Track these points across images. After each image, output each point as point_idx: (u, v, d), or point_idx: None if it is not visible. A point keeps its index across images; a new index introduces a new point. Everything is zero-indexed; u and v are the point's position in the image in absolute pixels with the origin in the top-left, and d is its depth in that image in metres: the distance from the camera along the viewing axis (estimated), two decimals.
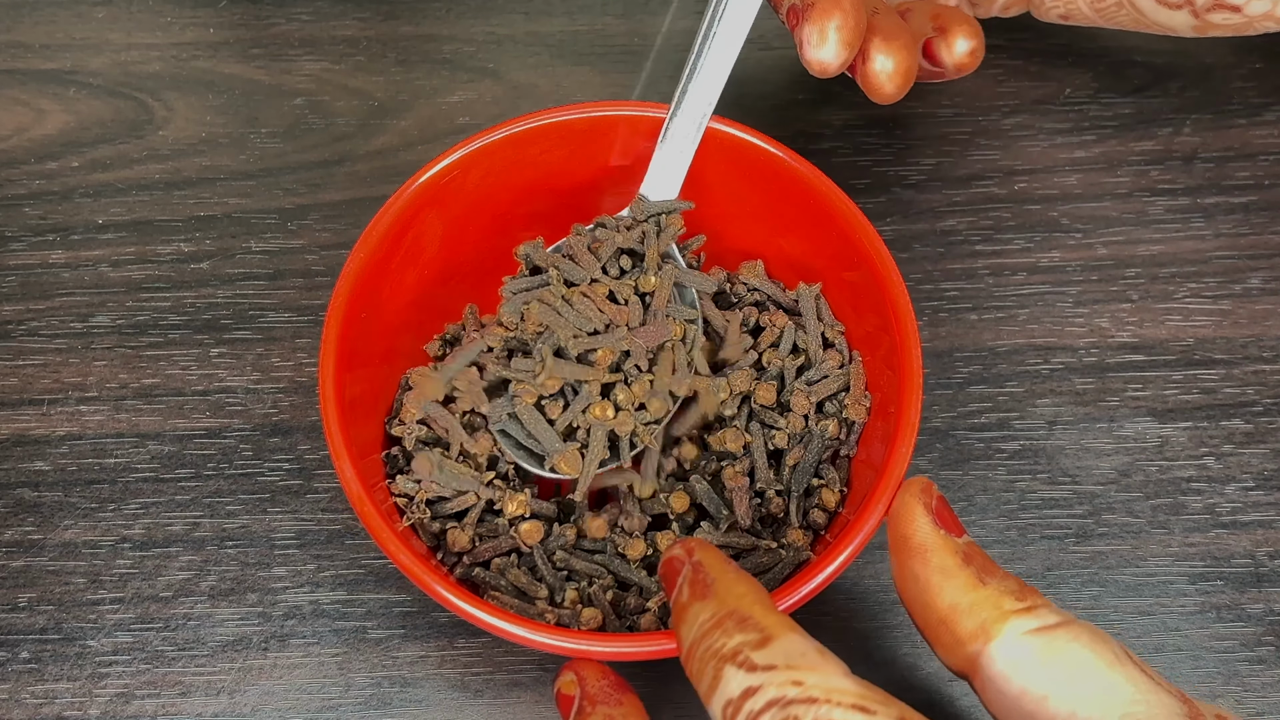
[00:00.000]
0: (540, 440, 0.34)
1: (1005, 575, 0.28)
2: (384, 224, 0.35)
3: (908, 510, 0.30)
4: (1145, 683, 0.26)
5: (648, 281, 0.35)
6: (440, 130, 0.46)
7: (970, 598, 0.28)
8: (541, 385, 0.33)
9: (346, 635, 0.37)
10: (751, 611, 0.26)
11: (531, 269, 0.36)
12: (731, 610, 0.27)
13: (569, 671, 0.30)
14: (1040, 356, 0.41)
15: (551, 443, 0.33)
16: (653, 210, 0.36)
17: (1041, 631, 0.27)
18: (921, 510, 0.29)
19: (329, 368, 0.33)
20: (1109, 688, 0.26)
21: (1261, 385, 0.41)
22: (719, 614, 0.27)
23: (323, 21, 0.49)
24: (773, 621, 0.26)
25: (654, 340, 0.34)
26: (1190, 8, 0.38)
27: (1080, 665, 0.26)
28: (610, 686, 0.30)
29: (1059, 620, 0.27)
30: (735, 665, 0.25)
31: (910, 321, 0.34)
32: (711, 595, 0.27)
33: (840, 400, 0.37)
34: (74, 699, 0.36)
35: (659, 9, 0.49)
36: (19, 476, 0.39)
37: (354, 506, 0.32)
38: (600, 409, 0.33)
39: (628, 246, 0.36)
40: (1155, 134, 0.46)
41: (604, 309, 0.34)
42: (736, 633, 0.26)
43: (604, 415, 0.33)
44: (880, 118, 0.46)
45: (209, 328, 0.42)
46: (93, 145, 0.45)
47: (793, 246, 0.38)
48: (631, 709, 0.29)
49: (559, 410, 0.34)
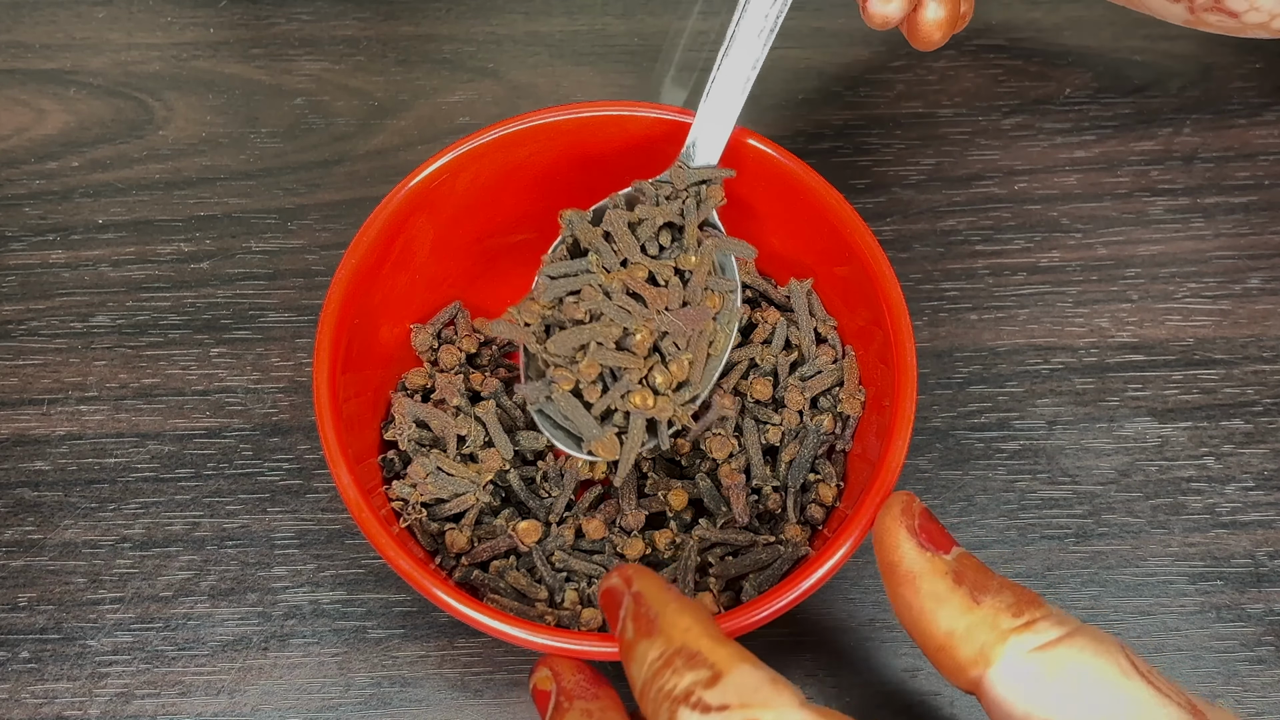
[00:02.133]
0: (578, 425, 0.33)
1: (1000, 587, 0.28)
2: (374, 229, 0.35)
3: (890, 537, 0.29)
4: (1151, 696, 0.26)
5: (687, 260, 0.34)
6: (440, 130, 0.46)
7: (966, 621, 0.27)
8: (580, 372, 0.32)
9: (346, 635, 0.37)
10: (699, 646, 0.26)
11: (571, 239, 0.35)
12: (679, 647, 0.26)
13: (544, 667, 0.30)
14: (1040, 356, 0.41)
15: (589, 428, 0.32)
16: (692, 179, 0.35)
17: (1043, 650, 0.26)
18: (905, 534, 0.29)
19: (323, 374, 0.33)
20: (1113, 705, 0.26)
21: (1261, 385, 0.41)
22: (667, 652, 0.26)
23: (323, 21, 0.49)
24: (722, 655, 0.26)
25: (694, 322, 0.33)
26: (1187, 4, 0.38)
27: (1084, 683, 0.26)
28: (586, 681, 0.29)
29: (1060, 634, 0.27)
30: (689, 708, 0.25)
31: (903, 315, 0.34)
32: (657, 631, 0.27)
33: (835, 395, 0.37)
34: (74, 699, 0.36)
35: (659, 9, 0.49)
36: (19, 476, 0.39)
37: (352, 512, 0.32)
38: (640, 398, 0.32)
39: (667, 220, 0.34)
40: (1155, 134, 0.46)
41: (643, 293, 0.33)
42: (687, 671, 0.26)
43: (644, 404, 0.32)
44: (880, 118, 0.46)
45: (209, 328, 0.42)
46: (93, 145, 0.45)
47: (783, 242, 0.38)
48: (609, 703, 0.29)
49: (597, 394, 0.32)
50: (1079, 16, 0.49)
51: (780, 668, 0.36)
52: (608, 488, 0.37)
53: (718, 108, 0.35)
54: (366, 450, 0.35)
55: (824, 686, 0.36)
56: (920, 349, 0.34)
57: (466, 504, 0.35)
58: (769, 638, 0.36)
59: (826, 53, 0.48)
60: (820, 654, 0.36)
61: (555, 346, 0.32)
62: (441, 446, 0.36)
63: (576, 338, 0.32)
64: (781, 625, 0.36)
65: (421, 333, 0.38)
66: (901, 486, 0.39)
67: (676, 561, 0.35)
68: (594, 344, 0.32)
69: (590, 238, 0.34)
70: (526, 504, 0.36)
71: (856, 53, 0.48)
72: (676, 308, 0.33)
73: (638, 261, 0.34)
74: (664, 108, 0.37)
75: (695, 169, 0.35)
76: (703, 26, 0.48)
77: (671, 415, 0.33)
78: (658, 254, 0.34)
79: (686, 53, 0.48)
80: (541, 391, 0.33)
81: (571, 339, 0.32)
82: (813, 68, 0.48)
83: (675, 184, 0.35)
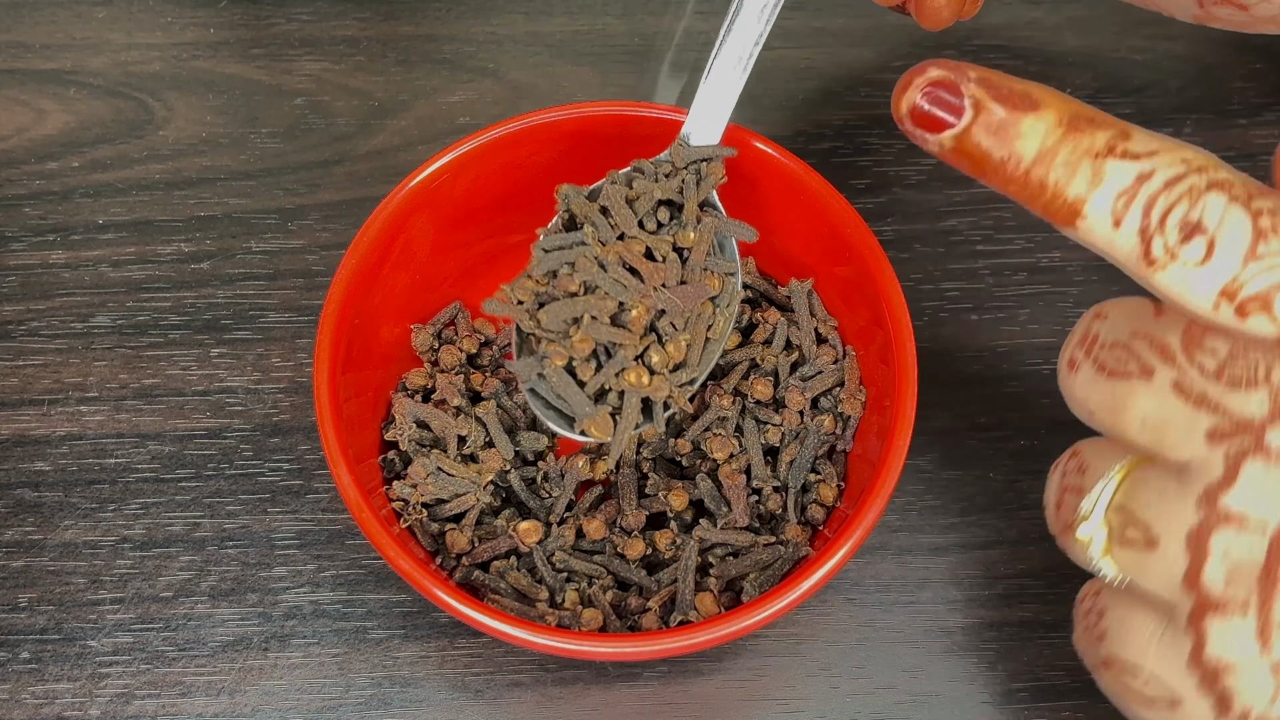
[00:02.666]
0: (570, 403, 0.32)
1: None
2: (374, 229, 0.35)
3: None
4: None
5: (685, 236, 0.33)
6: (440, 130, 0.46)
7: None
8: (573, 348, 0.31)
9: (347, 635, 0.37)
10: (1094, 114, 0.25)
11: (567, 215, 0.34)
12: (1073, 113, 0.25)
13: None
14: (1041, 357, 0.41)
15: (582, 406, 0.31)
16: (692, 157, 0.34)
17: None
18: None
19: (323, 374, 0.33)
20: None
21: None
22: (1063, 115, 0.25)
23: (323, 21, 0.49)
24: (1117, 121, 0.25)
25: (692, 300, 0.32)
26: None
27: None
28: None
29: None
30: (1117, 159, 0.25)
31: (904, 315, 0.34)
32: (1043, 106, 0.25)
33: (835, 395, 0.37)
34: (74, 699, 0.36)
35: (659, 9, 0.49)
36: (19, 476, 0.39)
37: (352, 513, 0.32)
38: (635, 375, 0.31)
39: (666, 197, 0.33)
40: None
41: (639, 267, 0.32)
42: (1097, 131, 0.25)
43: (639, 382, 0.31)
44: (880, 118, 0.46)
45: (209, 328, 0.42)
46: (93, 145, 0.45)
47: (784, 242, 0.38)
48: None
49: (590, 372, 0.31)
50: (1079, 16, 0.48)
51: (781, 668, 0.36)
52: (608, 488, 0.37)
53: (719, 87, 0.34)
54: (367, 450, 0.35)
55: (824, 686, 0.36)
56: (920, 349, 0.34)
57: (467, 504, 0.35)
58: (769, 638, 0.36)
59: (826, 53, 0.48)
60: (821, 654, 0.36)
61: (548, 319, 0.31)
62: (442, 447, 0.36)
63: (570, 309, 0.31)
64: (782, 625, 0.36)
65: (421, 333, 0.38)
66: (902, 486, 0.39)
67: (677, 562, 0.35)
68: (588, 317, 0.31)
69: (586, 211, 0.33)
70: (527, 504, 0.36)
71: (856, 53, 0.48)
72: (674, 285, 0.32)
73: (634, 235, 0.32)
74: (665, 107, 0.37)
75: (695, 147, 0.34)
76: (703, 26, 0.48)
77: (667, 396, 0.32)
78: (655, 230, 0.33)
79: (685, 53, 0.48)
80: (533, 368, 0.32)
81: (564, 310, 0.31)
82: (813, 68, 0.48)
83: (675, 162, 0.34)
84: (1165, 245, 0.24)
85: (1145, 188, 0.24)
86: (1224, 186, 0.24)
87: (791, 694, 0.36)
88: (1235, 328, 0.24)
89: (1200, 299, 0.24)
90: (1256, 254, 0.24)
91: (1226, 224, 0.24)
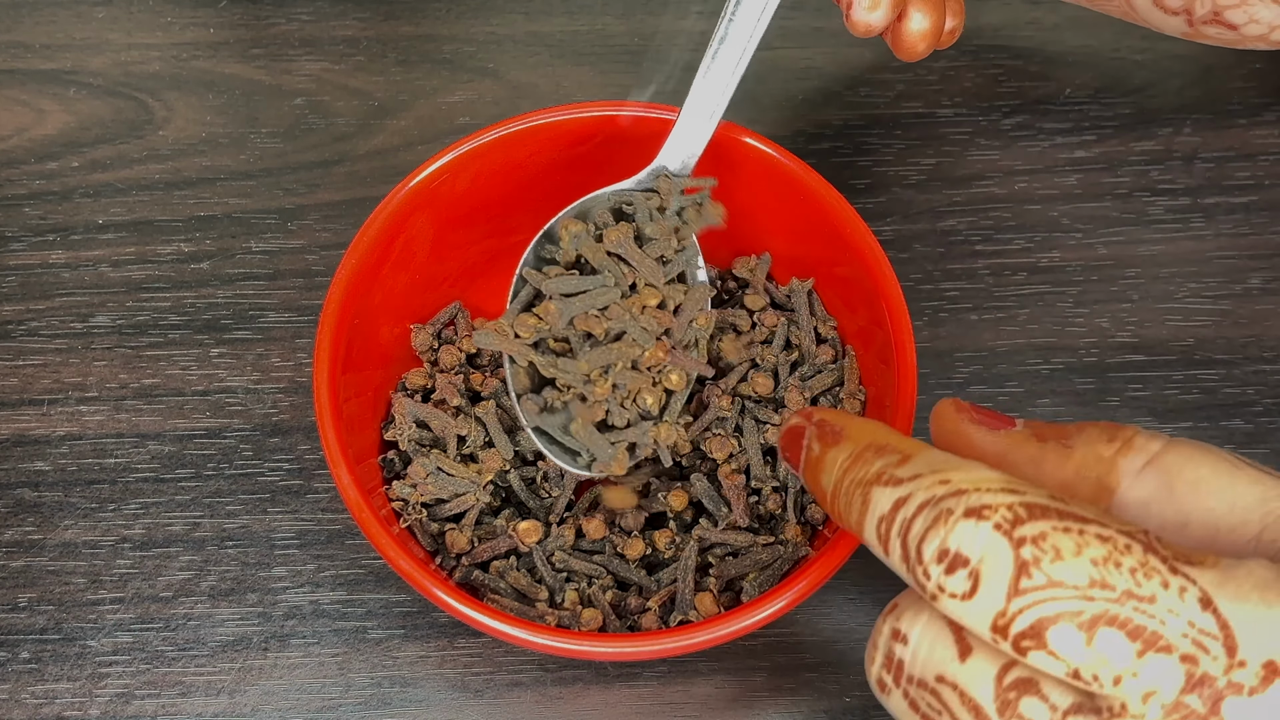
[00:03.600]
0: (592, 448, 0.33)
1: (1081, 427, 0.27)
2: (374, 229, 0.35)
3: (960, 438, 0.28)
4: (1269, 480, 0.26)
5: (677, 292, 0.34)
6: (440, 130, 0.46)
7: (1070, 467, 0.27)
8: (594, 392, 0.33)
9: (347, 635, 0.37)
10: (887, 440, 0.26)
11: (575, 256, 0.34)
12: (867, 443, 0.26)
13: None
14: (1040, 356, 0.41)
15: (603, 451, 0.33)
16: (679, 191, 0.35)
17: (1153, 464, 0.26)
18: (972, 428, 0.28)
19: (323, 374, 0.33)
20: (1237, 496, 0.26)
21: (1261, 385, 0.41)
22: (855, 450, 0.26)
23: (323, 21, 0.49)
24: (909, 444, 0.26)
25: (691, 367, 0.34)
26: (1186, 16, 0.38)
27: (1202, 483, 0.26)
28: None
29: (1160, 444, 0.27)
30: (881, 485, 0.25)
31: (903, 315, 0.34)
32: (844, 439, 0.26)
33: (835, 395, 0.37)
34: (74, 699, 0.36)
35: (659, 9, 0.49)
36: (19, 476, 0.39)
37: (352, 513, 0.32)
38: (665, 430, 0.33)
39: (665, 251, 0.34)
40: (1155, 134, 0.46)
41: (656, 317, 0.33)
42: (876, 460, 0.25)
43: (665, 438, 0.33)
44: (880, 118, 0.46)
45: (209, 328, 0.42)
46: (93, 145, 0.45)
47: (783, 242, 0.38)
48: None
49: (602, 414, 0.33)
50: (1079, 16, 0.48)
51: (781, 668, 0.36)
52: None
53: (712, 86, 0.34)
54: (367, 450, 0.35)
55: (824, 686, 0.36)
56: (920, 349, 0.34)
57: (467, 504, 0.35)
58: (769, 638, 0.36)
59: (826, 53, 0.48)
60: (820, 654, 0.36)
61: (587, 365, 0.33)
62: (442, 447, 0.36)
63: (604, 357, 0.33)
64: (782, 625, 0.36)
65: (421, 333, 0.38)
66: None
67: (676, 562, 0.35)
68: (620, 365, 0.33)
69: (599, 257, 0.34)
70: (527, 504, 0.36)
71: (856, 53, 0.48)
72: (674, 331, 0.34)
73: (651, 285, 0.34)
74: (664, 107, 0.37)
75: (679, 179, 0.35)
76: (703, 27, 0.48)
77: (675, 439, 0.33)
78: None
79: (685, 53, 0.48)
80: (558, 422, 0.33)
81: (599, 359, 0.33)
82: (813, 68, 0.48)
83: (661, 194, 0.35)
84: (930, 575, 0.23)
85: (900, 514, 0.24)
86: (983, 512, 0.23)
87: (791, 694, 0.36)
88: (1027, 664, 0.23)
89: (979, 633, 0.23)
90: (1019, 588, 0.23)
91: (989, 555, 0.23)
